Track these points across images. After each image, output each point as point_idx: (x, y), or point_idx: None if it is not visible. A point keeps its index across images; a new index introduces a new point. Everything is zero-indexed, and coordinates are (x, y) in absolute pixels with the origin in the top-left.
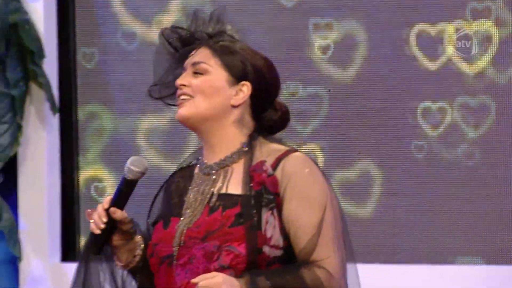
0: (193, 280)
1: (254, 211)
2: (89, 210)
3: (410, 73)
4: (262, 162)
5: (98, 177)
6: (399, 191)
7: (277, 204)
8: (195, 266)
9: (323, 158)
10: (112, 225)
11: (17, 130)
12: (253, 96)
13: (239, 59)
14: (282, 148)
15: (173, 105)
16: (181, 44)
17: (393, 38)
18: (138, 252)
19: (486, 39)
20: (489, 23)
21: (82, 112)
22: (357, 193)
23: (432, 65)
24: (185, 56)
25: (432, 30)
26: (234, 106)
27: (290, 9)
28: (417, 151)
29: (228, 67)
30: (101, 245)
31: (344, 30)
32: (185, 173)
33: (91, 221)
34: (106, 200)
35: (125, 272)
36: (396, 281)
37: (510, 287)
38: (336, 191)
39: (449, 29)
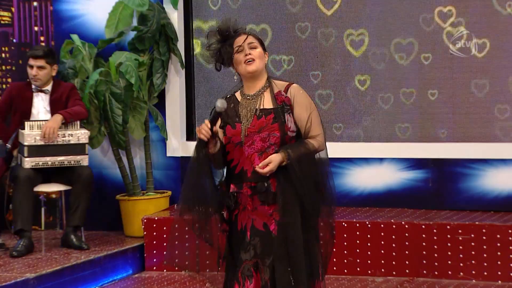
0: (257, 168)
1: (281, 115)
2: (198, 127)
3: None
4: (280, 91)
5: (203, 99)
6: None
7: (291, 110)
8: (256, 145)
9: None
10: (211, 134)
11: (164, 76)
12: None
13: (261, 40)
14: (285, 82)
15: (218, 70)
16: (225, 35)
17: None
18: (218, 146)
19: None
20: None
21: (196, 69)
22: None
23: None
24: (227, 40)
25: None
26: (265, 64)
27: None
28: None
29: (261, 44)
30: (206, 144)
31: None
32: (230, 100)
33: (198, 133)
34: (207, 122)
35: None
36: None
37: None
38: None
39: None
